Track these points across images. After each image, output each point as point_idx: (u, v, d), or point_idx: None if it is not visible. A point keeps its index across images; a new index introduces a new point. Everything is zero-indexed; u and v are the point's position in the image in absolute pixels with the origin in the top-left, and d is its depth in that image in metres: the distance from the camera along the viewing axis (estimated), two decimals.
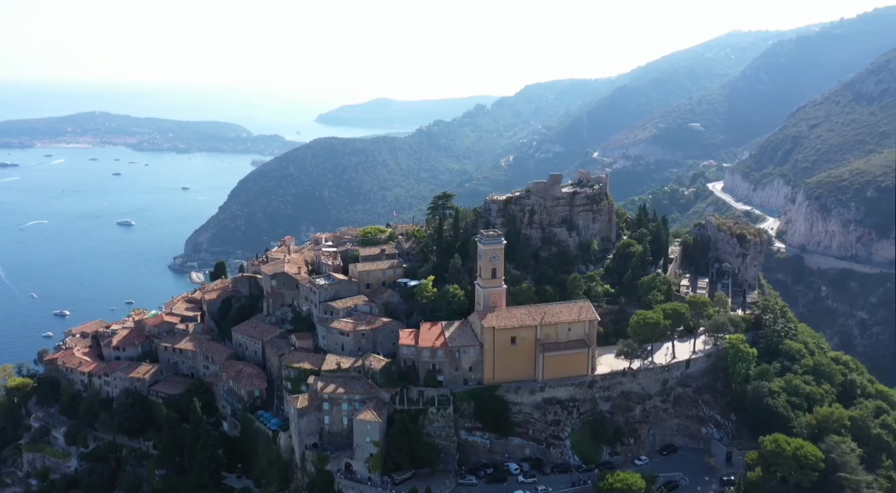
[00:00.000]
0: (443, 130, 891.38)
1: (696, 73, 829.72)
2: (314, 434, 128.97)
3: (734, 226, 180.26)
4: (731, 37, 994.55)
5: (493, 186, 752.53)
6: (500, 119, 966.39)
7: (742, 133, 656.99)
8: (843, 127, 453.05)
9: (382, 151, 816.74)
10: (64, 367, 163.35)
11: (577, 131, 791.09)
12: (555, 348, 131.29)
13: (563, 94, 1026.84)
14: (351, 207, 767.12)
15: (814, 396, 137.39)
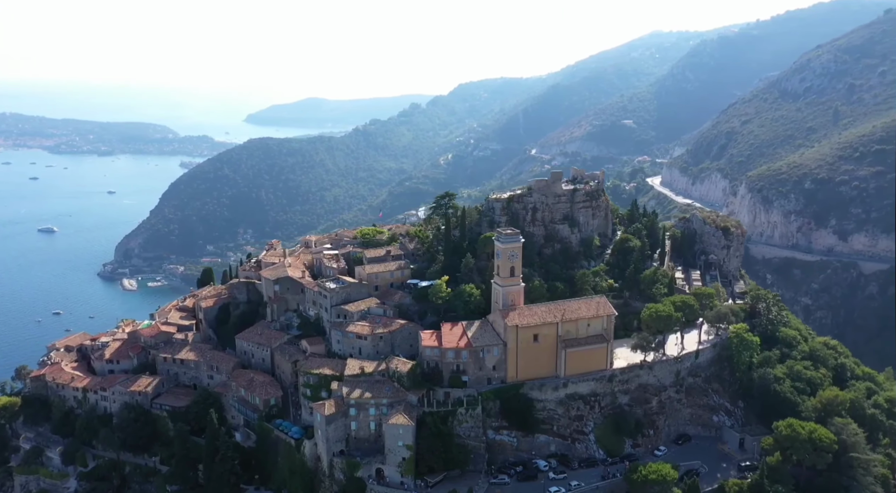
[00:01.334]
0: (379, 129, 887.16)
1: (624, 72, 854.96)
2: (341, 441, 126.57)
3: (718, 219, 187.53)
4: (653, 37, 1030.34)
5: (433, 185, 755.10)
6: (435, 118, 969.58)
7: (672, 129, 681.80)
8: (772, 123, 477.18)
9: (319, 151, 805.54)
10: (54, 383, 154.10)
11: (513, 129, 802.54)
12: (575, 344, 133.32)
13: (496, 92, 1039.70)
14: (289, 208, 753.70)
15: (814, 380, 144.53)
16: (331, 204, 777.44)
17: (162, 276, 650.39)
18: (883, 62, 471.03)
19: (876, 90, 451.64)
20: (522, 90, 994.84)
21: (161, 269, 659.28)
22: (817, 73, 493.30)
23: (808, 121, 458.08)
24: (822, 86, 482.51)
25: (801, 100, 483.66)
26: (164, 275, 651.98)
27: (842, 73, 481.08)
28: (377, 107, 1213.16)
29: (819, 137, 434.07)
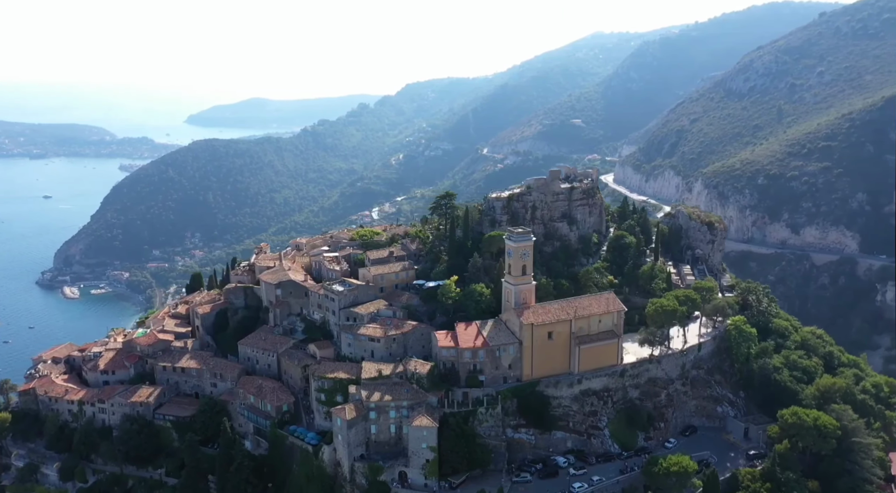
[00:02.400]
0: (328, 129, 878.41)
1: (570, 72, 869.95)
2: (361, 445, 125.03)
3: (702, 215, 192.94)
4: (595, 38, 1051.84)
5: (385, 185, 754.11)
6: (384, 118, 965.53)
7: (619, 128, 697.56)
8: (720, 121, 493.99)
9: (268, 153, 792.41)
10: (46, 397, 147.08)
11: (464, 129, 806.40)
12: (588, 341, 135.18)
13: (443, 92, 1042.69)
14: (238, 210, 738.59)
15: (809, 369, 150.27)
16: (281, 206, 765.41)
17: (106, 283, 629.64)
18: (820, 63, 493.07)
19: (815, 89, 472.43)
20: (470, 90, 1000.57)
21: (105, 275, 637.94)
22: (760, 73, 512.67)
23: (754, 119, 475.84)
24: (765, 85, 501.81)
25: (746, 99, 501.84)
26: (108, 282, 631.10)
27: (783, 73, 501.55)
28: (323, 107, 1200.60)
29: (765, 134, 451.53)
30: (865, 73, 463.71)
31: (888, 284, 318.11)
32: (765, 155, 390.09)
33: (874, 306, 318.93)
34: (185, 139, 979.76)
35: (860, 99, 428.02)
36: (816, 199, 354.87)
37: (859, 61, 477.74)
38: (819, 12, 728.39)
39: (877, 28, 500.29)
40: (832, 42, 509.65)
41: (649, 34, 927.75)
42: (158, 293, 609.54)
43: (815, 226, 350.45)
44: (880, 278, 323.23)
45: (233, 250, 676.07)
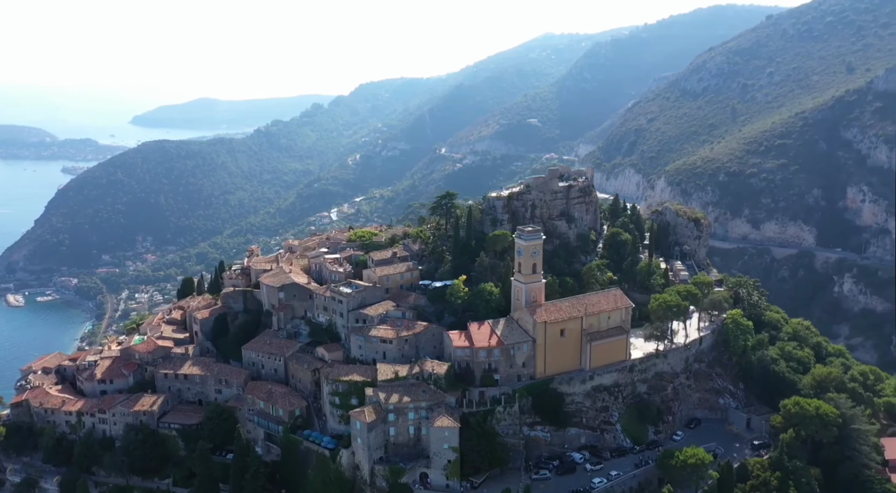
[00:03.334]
0: (282, 130, 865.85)
1: (524, 73, 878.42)
2: (380, 448, 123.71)
3: (688, 211, 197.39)
4: (546, 39, 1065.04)
5: (342, 186, 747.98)
6: (338, 118, 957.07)
7: (575, 127, 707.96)
8: (677, 120, 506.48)
9: (221, 154, 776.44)
10: (41, 409, 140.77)
11: (420, 129, 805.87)
12: (599, 337, 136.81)
13: (397, 92, 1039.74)
14: (192, 213, 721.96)
15: (802, 359, 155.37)
16: (236, 208, 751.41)
17: (53, 289, 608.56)
18: (770, 64, 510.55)
19: (766, 89, 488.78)
20: (424, 90, 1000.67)
21: (51, 282, 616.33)
22: (713, 74, 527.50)
23: (710, 118, 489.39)
24: (718, 85, 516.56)
25: (701, 98, 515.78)
26: (55, 288, 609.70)
27: (734, 73, 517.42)
28: (275, 107, 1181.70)
29: (721, 133, 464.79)
30: (812, 74, 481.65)
31: (845, 276, 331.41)
32: (724, 153, 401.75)
33: (832, 297, 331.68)
34: (131, 140, 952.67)
35: (809, 98, 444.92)
36: (775, 195, 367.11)
37: (806, 62, 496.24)
38: (760, 15, 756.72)
39: (820, 31, 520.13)
40: (780, 44, 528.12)
41: (599, 35, 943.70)
42: (110, 299, 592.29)
43: (774, 221, 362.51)
44: (837, 271, 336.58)
45: (186, 253, 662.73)
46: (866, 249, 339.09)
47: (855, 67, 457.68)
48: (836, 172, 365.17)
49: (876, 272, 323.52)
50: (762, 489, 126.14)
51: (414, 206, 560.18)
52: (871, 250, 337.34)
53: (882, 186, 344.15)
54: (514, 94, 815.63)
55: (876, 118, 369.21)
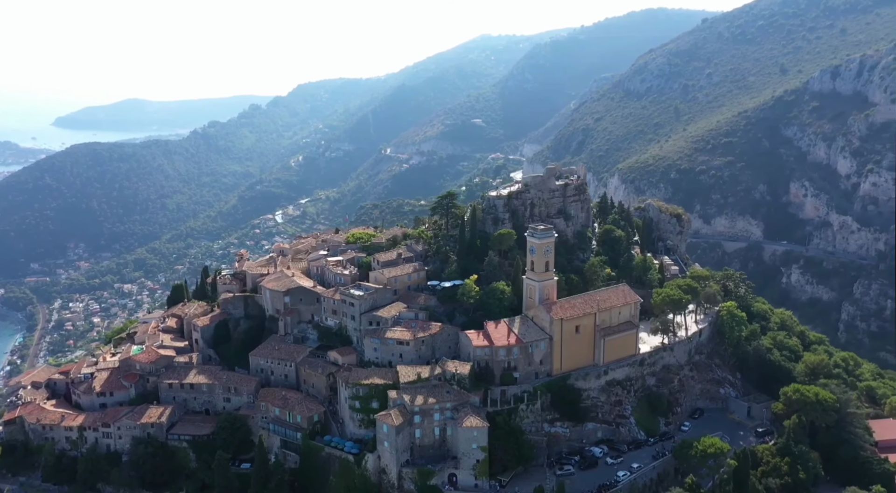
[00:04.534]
0: (220, 131, 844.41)
1: (465, 73, 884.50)
2: (407, 450, 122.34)
3: (669, 208, 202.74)
4: (484, 40, 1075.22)
5: (286, 188, 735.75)
6: (277, 119, 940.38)
7: (519, 127, 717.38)
8: (623, 120, 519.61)
9: (156, 156, 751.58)
10: (38, 425, 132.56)
11: (364, 129, 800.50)
12: (611, 332, 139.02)
13: (337, 93, 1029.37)
14: (127, 218, 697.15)
15: (793, 348, 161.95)
16: (174, 212, 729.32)
17: None
18: (708, 65, 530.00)
19: (706, 90, 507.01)
20: (364, 91, 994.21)
21: None
22: (655, 75, 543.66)
23: (654, 117, 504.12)
24: (660, 86, 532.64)
25: (645, 98, 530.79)
26: None
27: (675, 74, 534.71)
28: (209, 108, 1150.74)
29: (666, 131, 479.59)
30: (748, 75, 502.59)
31: (792, 267, 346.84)
32: (673, 151, 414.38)
33: (781, 287, 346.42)
34: (55, 143, 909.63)
35: (747, 98, 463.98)
36: (724, 191, 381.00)
37: (741, 64, 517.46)
38: (689, 18, 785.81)
39: (753, 34, 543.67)
40: (716, 46, 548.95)
41: (536, 37, 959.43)
42: (41, 310, 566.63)
43: (724, 216, 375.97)
44: (784, 262, 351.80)
45: (123, 259, 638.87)
46: (810, 241, 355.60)
47: (788, 69, 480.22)
48: (779, 169, 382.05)
49: (821, 263, 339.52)
50: (773, 474, 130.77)
51: (365, 206, 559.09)
52: (815, 242, 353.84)
53: (822, 181, 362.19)
54: (457, 94, 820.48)
55: (813, 117, 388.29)
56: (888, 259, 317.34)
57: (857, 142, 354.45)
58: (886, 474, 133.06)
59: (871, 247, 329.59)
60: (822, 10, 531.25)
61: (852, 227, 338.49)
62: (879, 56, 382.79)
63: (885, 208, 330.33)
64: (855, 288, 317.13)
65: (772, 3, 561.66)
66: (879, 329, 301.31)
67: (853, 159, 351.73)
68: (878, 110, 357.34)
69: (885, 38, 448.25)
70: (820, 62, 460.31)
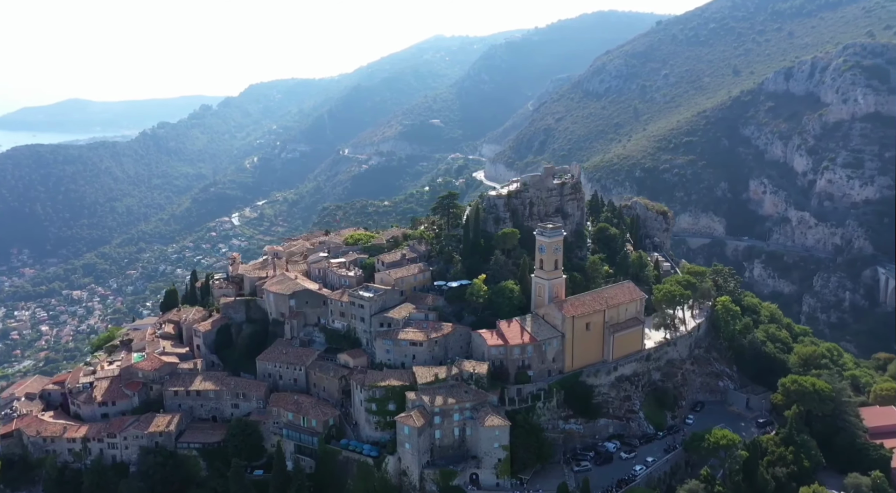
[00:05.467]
0: (170, 132, 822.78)
1: (420, 74, 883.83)
2: (427, 452, 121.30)
3: (655, 206, 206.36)
4: (437, 40, 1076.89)
5: (241, 190, 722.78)
6: (229, 120, 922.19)
7: (477, 127, 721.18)
8: (584, 120, 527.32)
9: (104, 158, 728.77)
10: (39, 438, 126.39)
11: (320, 130, 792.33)
12: (619, 329, 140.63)
13: (290, 93, 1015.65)
14: (74, 222, 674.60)
15: (784, 340, 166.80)
16: (124, 216, 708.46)
17: None
18: (664, 66, 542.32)
19: (663, 90, 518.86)
20: (317, 91, 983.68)
21: None
22: (613, 76, 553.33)
23: (614, 117, 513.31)
24: (619, 87, 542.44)
25: (604, 99, 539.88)
26: None
27: (633, 75, 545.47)
28: (156, 108, 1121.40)
29: (627, 131, 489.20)
30: (703, 76, 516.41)
31: (754, 261, 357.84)
32: (637, 150, 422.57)
33: (745, 281, 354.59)
34: None
35: (703, 98, 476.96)
36: (687, 188, 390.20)
37: (696, 65, 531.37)
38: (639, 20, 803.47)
39: (706, 36, 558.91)
40: (671, 48, 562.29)
41: (490, 38, 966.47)
42: None
43: (688, 213, 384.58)
44: (747, 257, 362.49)
45: (71, 265, 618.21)
46: (770, 236, 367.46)
47: (740, 70, 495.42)
48: (739, 167, 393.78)
49: (781, 257, 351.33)
50: (779, 463, 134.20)
51: (328, 208, 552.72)
52: (775, 237, 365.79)
53: (780, 179, 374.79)
54: (413, 95, 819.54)
55: (769, 116, 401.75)
56: (845, 253, 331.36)
57: (812, 140, 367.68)
58: (883, 459, 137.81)
59: (828, 241, 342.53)
60: (770, 14, 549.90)
61: (810, 222, 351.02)
62: (829, 58, 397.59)
63: (841, 204, 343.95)
64: (815, 281, 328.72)
65: (722, 7, 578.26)
66: (839, 320, 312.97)
67: (809, 157, 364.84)
68: (830, 110, 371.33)
69: (830, 41, 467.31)
70: (770, 64, 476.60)
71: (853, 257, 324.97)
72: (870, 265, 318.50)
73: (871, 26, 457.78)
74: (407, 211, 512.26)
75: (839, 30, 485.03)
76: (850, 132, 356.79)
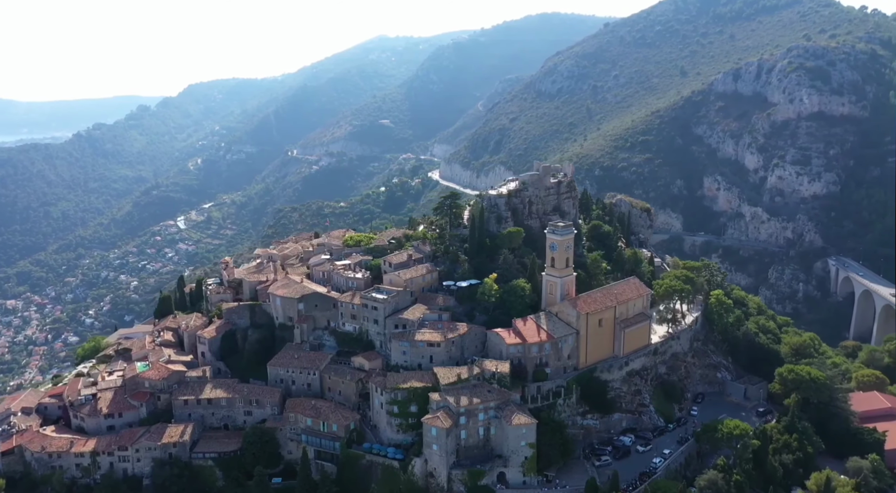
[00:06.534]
0: (106, 134, 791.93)
1: (367, 74, 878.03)
2: (453, 452, 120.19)
3: (639, 203, 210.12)
4: (381, 41, 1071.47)
5: (185, 192, 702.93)
6: (169, 121, 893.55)
7: (427, 128, 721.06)
8: (538, 120, 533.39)
9: (35, 161, 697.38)
10: (44, 453, 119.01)
11: (266, 131, 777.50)
12: (629, 324, 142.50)
13: (232, 93, 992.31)
14: (5, 228, 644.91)
15: (773, 331, 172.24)
16: (59, 221, 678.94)
17: None
18: (614, 67, 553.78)
19: (614, 91, 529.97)
20: (260, 91, 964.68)
21: None
22: (565, 76, 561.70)
23: (568, 117, 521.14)
24: (571, 87, 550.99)
25: (557, 99, 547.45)
26: None
27: (584, 76, 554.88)
28: (88, 109, 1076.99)
29: (581, 130, 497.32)
30: (652, 77, 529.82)
31: (712, 256, 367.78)
32: (595, 149, 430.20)
33: None
34: None
35: (653, 98, 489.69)
36: (645, 186, 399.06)
37: (644, 66, 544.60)
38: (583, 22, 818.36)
39: (652, 38, 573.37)
40: (619, 50, 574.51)
41: (435, 38, 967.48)
42: None
43: None
44: (704, 252, 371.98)
45: (3, 273, 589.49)
46: (725, 231, 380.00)
47: (687, 71, 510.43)
48: (693, 165, 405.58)
49: (737, 252, 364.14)
50: (784, 450, 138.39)
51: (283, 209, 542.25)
52: (729, 232, 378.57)
53: (733, 176, 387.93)
54: (360, 95, 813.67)
55: (720, 116, 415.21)
56: (797, 246, 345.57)
57: (762, 139, 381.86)
58: (878, 443, 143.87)
59: (780, 235, 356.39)
60: (712, 17, 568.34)
61: (762, 217, 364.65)
62: (775, 60, 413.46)
63: (791, 200, 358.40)
64: (770, 274, 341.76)
65: (666, 10, 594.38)
66: (794, 311, 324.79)
67: (759, 155, 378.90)
68: (778, 110, 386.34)
69: (769, 43, 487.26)
70: (715, 65, 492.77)
71: (805, 249, 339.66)
72: (820, 257, 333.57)
73: (807, 30, 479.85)
74: (364, 212, 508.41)
75: (777, 33, 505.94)
76: (797, 131, 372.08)
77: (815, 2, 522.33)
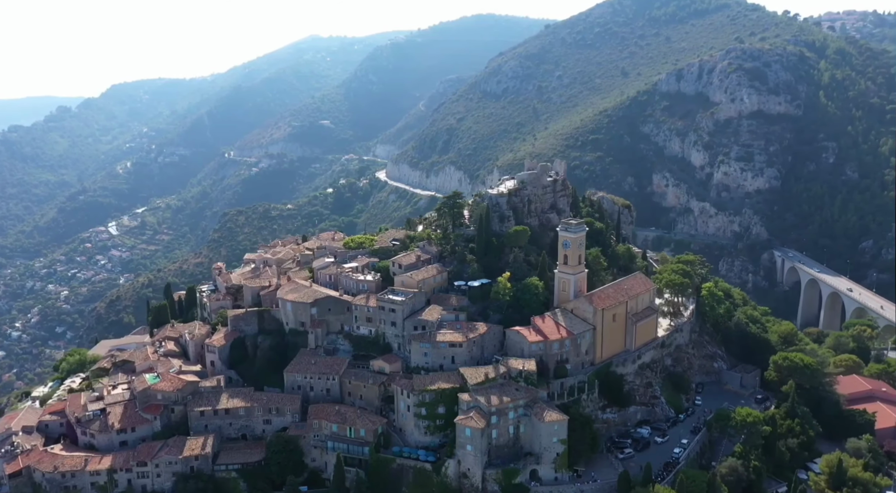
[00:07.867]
0: (24, 136, 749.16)
1: (302, 74, 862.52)
2: (485, 452, 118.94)
3: (620, 200, 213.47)
4: (314, 40, 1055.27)
5: (115, 197, 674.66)
6: (92, 122, 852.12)
7: (367, 128, 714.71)
8: (486, 120, 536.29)
9: None
10: (56, 474, 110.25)
11: (199, 132, 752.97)
12: (639, 318, 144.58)
13: (159, 94, 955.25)
14: None
15: (761, 320, 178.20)
16: None
17: None
18: (557, 68, 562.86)
19: (559, 91, 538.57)
20: (189, 92, 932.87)
21: None
22: (509, 77, 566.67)
23: (515, 117, 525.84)
24: (516, 87, 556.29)
25: (503, 99, 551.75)
26: None
27: (529, 76, 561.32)
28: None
29: (529, 130, 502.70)
30: (594, 77, 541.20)
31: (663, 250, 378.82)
32: (546, 147, 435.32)
33: None
34: None
35: (597, 98, 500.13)
36: (598, 184, 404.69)
37: (587, 67, 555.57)
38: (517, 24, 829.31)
39: (592, 40, 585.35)
40: (561, 51, 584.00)
41: (370, 39, 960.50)
42: None
43: None
44: (656, 247, 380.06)
45: None
46: (675, 226, 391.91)
47: (628, 72, 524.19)
48: (642, 162, 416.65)
49: (688, 245, 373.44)
50: (789, 435, 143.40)
51: (229, 213, 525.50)
52: (679, 227, 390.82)
53: (681, 173, 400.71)
54: (297, 95, 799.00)
55: (666, 115, 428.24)
56: (744, 239, 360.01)
57: (707, 137, 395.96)
58: (869, 423, 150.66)
59: (728, 229, 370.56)
60: (648, 20, 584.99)
61: (710, 212, 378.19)
62: (715, 61, 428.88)
63: (736, 194, 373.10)
64: (720, 266, 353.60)
65: (604, 13, 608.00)
66: None
67: (705, 152, 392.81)
68: (720, 109, 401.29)
69: (703, 45, 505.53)
70: (654, 66, 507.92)
71: (752, 242, 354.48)
72: (766, 249, 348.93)
73: (738, 32, 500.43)
74: (312, 214, 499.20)
75: (710, 35, 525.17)
76: (739, 129, 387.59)
77: (743, 6, 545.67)
